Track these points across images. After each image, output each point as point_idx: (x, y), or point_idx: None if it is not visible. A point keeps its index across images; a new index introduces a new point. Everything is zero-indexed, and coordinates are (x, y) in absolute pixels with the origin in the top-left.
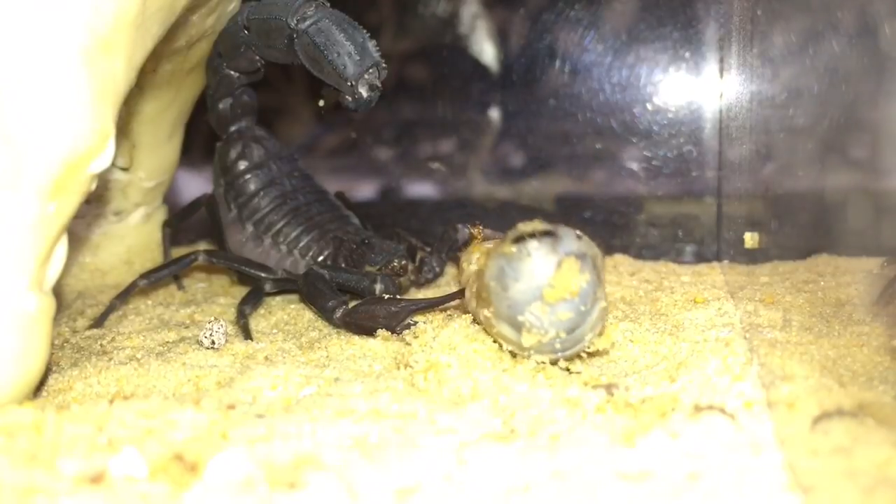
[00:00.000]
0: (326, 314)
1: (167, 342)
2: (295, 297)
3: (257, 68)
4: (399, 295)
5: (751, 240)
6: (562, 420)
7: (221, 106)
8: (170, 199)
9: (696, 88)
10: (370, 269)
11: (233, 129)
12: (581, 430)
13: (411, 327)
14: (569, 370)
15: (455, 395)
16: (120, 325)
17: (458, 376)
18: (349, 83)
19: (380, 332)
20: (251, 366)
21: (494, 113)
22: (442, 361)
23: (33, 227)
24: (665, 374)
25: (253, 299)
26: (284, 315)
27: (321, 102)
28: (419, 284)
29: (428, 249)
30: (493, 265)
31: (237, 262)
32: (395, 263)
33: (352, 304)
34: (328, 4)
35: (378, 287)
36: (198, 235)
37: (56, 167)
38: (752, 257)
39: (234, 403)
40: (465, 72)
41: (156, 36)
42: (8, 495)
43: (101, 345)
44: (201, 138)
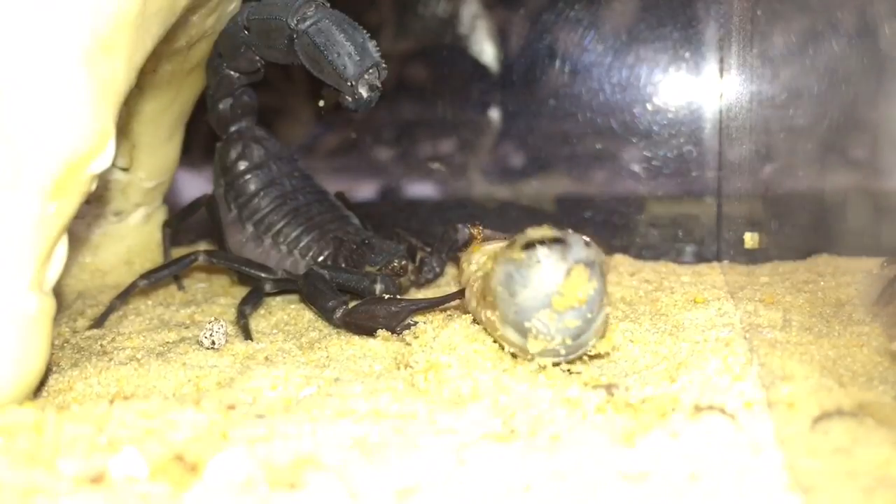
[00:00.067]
0: (326, 314)
1: (167, 342)
2: (295, 297)
3: (257, 68)
4: (399, 295)
5: (751, 240)
6: (562, 420)
7: (221, 106)
8: (170, 199)
9: (696, 88)
10: (370, 270)
11: (233, 129)
12: (581, 430)
13: (411, 327)
14: (569, 370)
15: (455, 396)
16: (120, 325)
17: (458, 376)
18: (349, 83)
19: (380, 332)
20: (251, 366)
21: (494, 113)
22: (442, 362)
23: (34, 227)
24: (665, 375)
25: (253, 299)
26: (284, 315)
27: (321, 103)
28: (419, 284)
29: (428, 249)
30: (500, 270)
31: (237, 262)
32: (395, 264)
33: (352, 304)
34: (328, 5)
35: (378, 287)
36: (198, 236)
37: (56, 167)
38: (752, 257)
39: (235, 404)
40: (465, 72)
41: (156, 36)
42: (8, 495)
43: (102, 345)
44: (201, 138)
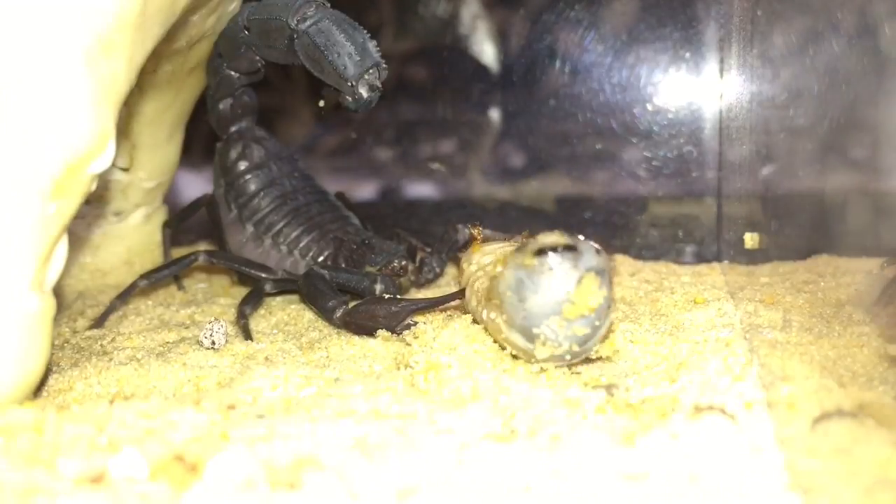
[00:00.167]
0: (327, 314)
1: (167, 342)
2: (295, 297)
3: (257, 69)
4: (399, 295)
5: (751, 240)
6: (562, 420)
7: (222, 106)
8: (170, 199)
9: (697, 89)
10: (370, 270)
11: (233, 129)
12: (581, 430)
13: (411, 327)
14: (570, 370)
15: (455, 396)
16: (120, 325)
17: (458, 377)
18: (349, 83)
19: (380, 332)
20: (251, 366)
21: (494, 113)
22: (442, 362)
23: (34, 227)
24: (665, 375)
25: (253, 300)
26: (285, 315)
27: (321, 103)
28: (419, 285)
29: (428, 250)
30: (511, 275)
31: (237, 262)
32: (395, 264)
33: (352, 304)
34: (328, 5)
35: (378, 287)
36: (198, 236)
37: (57, 168)
38: (753, 258)
39: (235, 404)
40: (465, 72)
41: (156, 36)
42: (8, 495)
43: (102, 345)
44: (201, 139)
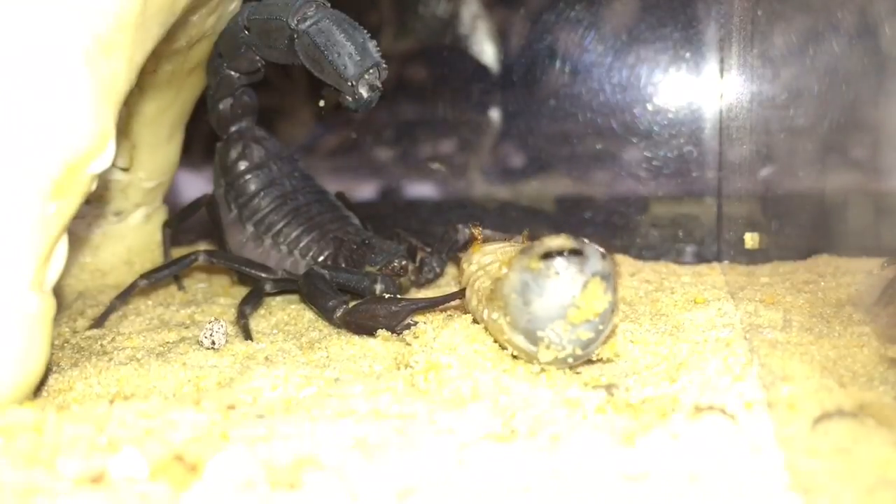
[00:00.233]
0: (327, 314)
1: (167, 342)
2: (295, 297)
3: (258, 69)
4: (399, 295)
5: (751, 240)
6: (562, 420)
7: (222, 106)
8: (170, 199)
9: (697, 89)
10: (370, 270)
11: (233, 129)
12: (581, 430)
13: (411, 327)
14: (570, 369)
15: (455, 396)
16: (120, 325)
17: (458, 377)
18: (349, 83)
19: (380, 332)
20: (251, 366)
21: (495, 113)
22: (442, 362)
23: (34, 227)
24: (665, 375)
25: (253, 299)
26: (285, 315)
27: (321, 103)
28: (419, 285)
29: (428, 250)
30: (516, 278)
31: (237, 262)
32: (395, 264)
33: (352, 304)
34: (329, 5)
35: (378, 287)
36: (198, 236)
37: (56, 168)
38: (753, 258)
39: (235, 404)
40: (465, 72)
41: (156, 36)
42: (8, 495)
43: (102, 345)
44: (201, 139)
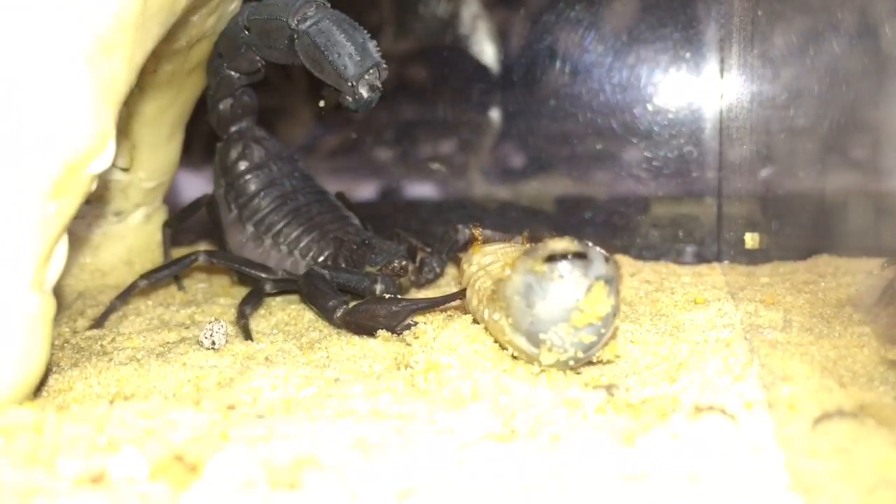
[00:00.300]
0: (327, 314)
1: (167, 343)
2: (295, 297)
3: (258, 69)
4: (399, 295)
5: (751, 240)
6: (562, 420)
7: (222, 106)
8: (170, 199)
9: (697, 89)
10: (370, 270)
11: (233, 129)
12: (581, 430)
13: (412, 328)
14: (572, 370)
15: (455, 396)
16: (120, 325)
17: (458, 377)
18: (349, 84)
19: (380, 332)
20: (251, 366)
21: (495, 113)
22: (442, 362)
23: (34, 227)
24: (665, 375)
25: (253, 300)
26: (285, 316)
27: (321, 103)
28: (419, 285)
29: (428, 250)
30: (519, 280)
31: (237, 262)
32: (395, 264)
33: (352, 304)
34: (329, 5)
35: (378, 287)
36: (198, 236)
37: (57, 168)
38: (753, 258)
39: (235, 404)
40: (465, 72)
41: (156, 36)
42: (8, 495)
43: (102, 345)
44: (201, 139)
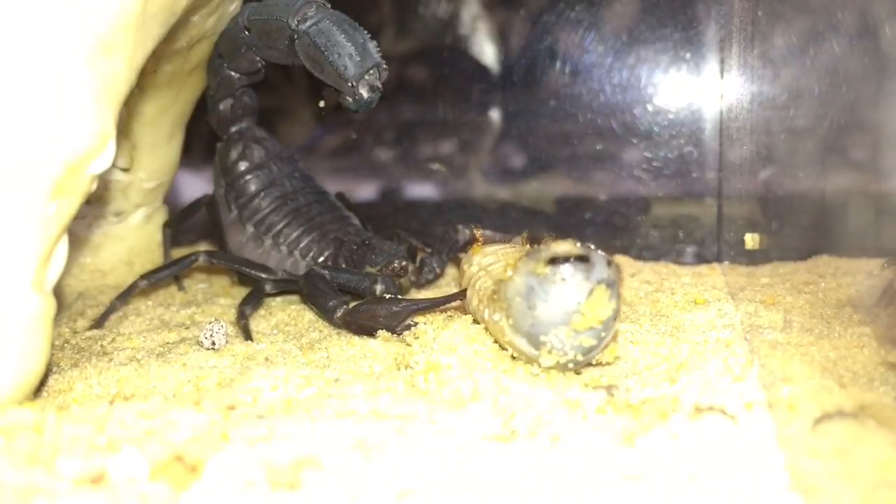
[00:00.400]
0: (327, 314)
1: (167, 343)
2: (295, 298)
3: (258, 69)
4: (399, 295)
5: (751, 241)
6: (562, 421)
7: (222, 107)
8: (170, 199)
9: (697, 89)
10: (371, 270)
11: (233, 129)
12: (581, 430)
13: (412, 328)
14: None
15: (455, 396)
16: (120, 325)
17: (458, 377)
18: (350, 84)
19: (380, 332)
20: (251, 366)
21: (495, 114)
22: (442, 362)
23: (34, 227)
24: (665, 375)
25: (253, 300)
26: (285, 316)
27: (322, 103)
28: (420, 285)
29: (428, 250)
30: (521, 282)
31: (238, 262)
32: (395, 264)
33: (352, 304)
34: (329, 5)
35: (378, 288)
36: (198, 236)
37: (57, 168)
38: (753, 258)
39: (235, 404)
40: (465, 73)
41: (156, 37)
42: (8, 495)
43: (102, 345)
44: (202, 139)
